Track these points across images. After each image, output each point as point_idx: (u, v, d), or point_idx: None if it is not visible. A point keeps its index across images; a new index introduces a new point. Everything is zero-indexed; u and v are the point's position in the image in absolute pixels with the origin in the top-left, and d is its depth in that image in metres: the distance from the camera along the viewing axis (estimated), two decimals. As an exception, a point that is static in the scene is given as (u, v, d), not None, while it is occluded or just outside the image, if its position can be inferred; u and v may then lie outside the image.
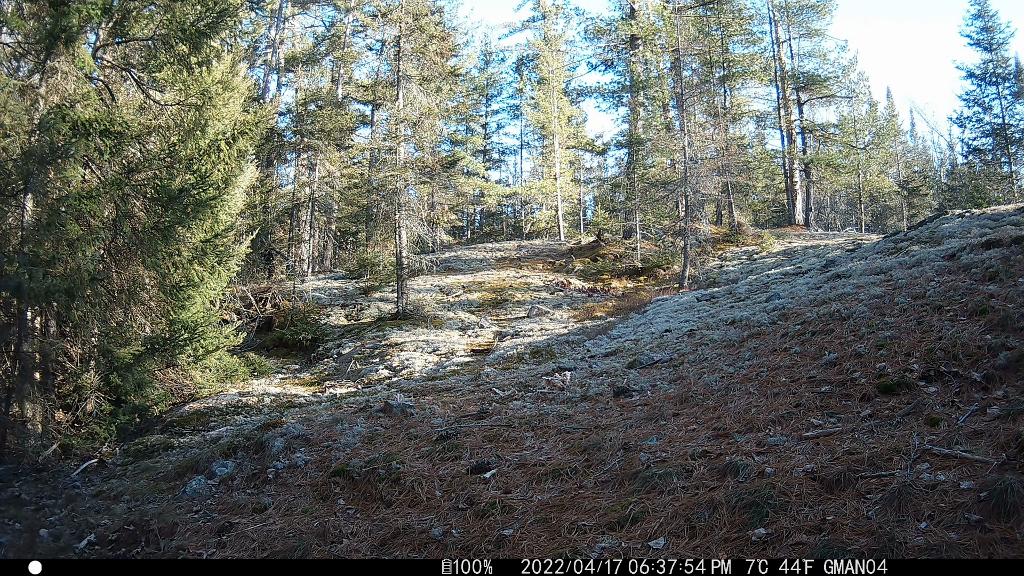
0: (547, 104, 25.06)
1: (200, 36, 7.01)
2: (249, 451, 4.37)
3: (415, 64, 17.70)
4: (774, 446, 3.14)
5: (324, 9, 24.41)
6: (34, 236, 5.78)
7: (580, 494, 2.90)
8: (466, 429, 4.46)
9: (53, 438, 6.19)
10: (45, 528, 3.26)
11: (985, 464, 2.44)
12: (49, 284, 5.34)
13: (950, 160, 36.61)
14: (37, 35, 6.21)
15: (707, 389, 4.63)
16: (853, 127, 25.31)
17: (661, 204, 19.91)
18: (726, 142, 20.11)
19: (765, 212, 28.58)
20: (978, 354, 3.69)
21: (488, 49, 32.99)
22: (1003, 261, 5.46)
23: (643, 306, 12.97)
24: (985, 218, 9.94)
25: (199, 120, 7.41)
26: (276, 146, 19.61)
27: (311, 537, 2.72)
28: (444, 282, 17.85)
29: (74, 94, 6.30)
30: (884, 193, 29.05)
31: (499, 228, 33.38)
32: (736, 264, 16.96)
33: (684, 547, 2.23)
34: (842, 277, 7.86)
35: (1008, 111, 25.56)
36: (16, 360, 5.89)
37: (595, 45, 27.10)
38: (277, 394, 9.40)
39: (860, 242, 15.05)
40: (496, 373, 7.75)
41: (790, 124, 24.28)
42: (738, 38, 24.40)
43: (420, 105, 17.57)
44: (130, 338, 6.95)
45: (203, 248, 7.37)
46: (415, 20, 17.07)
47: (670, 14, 20.20)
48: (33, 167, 5.66)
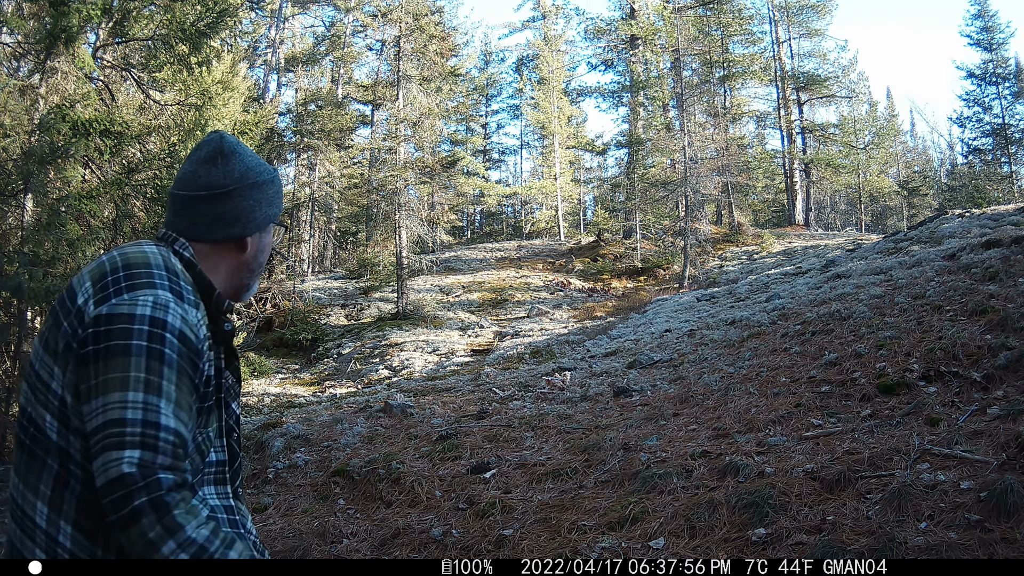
0: (547, 104, 25.06)
1: (200, 36, 7.02)
2: (249, 451, 4.37)
3: (415, 64, 17.71)
4: (774, 446, 3.14)
5: (324, 9, 24.43)
6: (34, 236, 5.78)
7: (580, 494, 2.90)
8: (466, 429, 4.47)
9: (53, 438, 6.20)
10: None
11: (985, 464, 2.44)
12: (49, 284, 5.34)
13: (950, 160, 36.64)
14: (37, 35, 6.21)
15: (707, 389, 4.63)
16: (853, 127, 25.31)
17: (661, 204, 19.91)
18: (726, 142, 20.11)
19: (765, 212, 28.58)
20: (978, 354, 3.69)
21: (488, 49, 33.01)
22: (1003, 261, 5.46)
23: (643, 306, 12.98)
24: (985, 218, 9.95)
25: (199, 120, 7.41)
26: (276, 146, 19.61)
27: (311, 537, 2.72)
28: (444, 282, 17.85)
29: (74, 94, 6.30)
30: (884, 193, 29.06)
31: (499, 228, 33.39)
32: (736, 264, 16.97)
33: (684, 547, 2.23)
34: (842, 277, 7.86)
35: (1008, 111, 25.57)
36: (16, 360, 5.90)
37: (595, 45, 27.12)
38: (277, 394, 9.41)
39: (860, 242, 15.05)
40: (496, 373, 7.75)
41: (790, 124, 24.28)
42: (738, 38, 24.40)
43: (420, 105, 17.58)
44: (130, 338, 6.95)
45: (203, 248, 7.36)
46: (415, 20, 17.08)
47: (670, 14, 20.20)
48: (33, 167, 5.66)
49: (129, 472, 0.94)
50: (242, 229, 1.19)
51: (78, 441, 1.03)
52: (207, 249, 1.18)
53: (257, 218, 1.21)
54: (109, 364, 0.98)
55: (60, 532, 1.05)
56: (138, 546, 0.95)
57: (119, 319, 1.00)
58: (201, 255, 1.17)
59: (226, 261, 1.21)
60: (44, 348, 1.07)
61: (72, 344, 1.02)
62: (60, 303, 1.09)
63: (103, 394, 0.98)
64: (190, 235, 1.17)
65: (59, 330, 1.05)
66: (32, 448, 1.07)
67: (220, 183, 1.17)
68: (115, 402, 0.97)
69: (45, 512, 1.06)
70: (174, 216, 1.19)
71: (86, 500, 1.04)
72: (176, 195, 1.19)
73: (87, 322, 1.02)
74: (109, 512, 0.95)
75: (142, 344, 0.99)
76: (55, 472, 1.05)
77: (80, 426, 1.02)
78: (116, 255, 1.10)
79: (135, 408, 0.97)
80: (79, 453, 1.03)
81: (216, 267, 1.19)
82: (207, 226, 1.18)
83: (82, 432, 1.02)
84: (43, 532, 1.06)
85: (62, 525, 1.05)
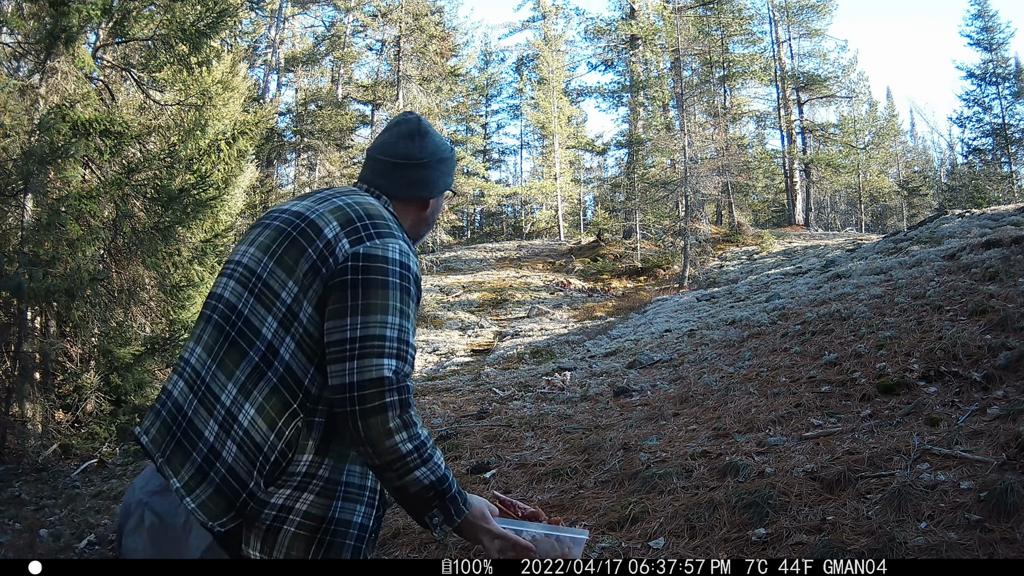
0: (547, 104, 25.04)
1: (200, 36, 7.02)
2: (249, 451, 4.38)
3: (415, 64, 17.71)
4: (774, 446, 3.14)
5: (324, 9, 24.40)
6: (34, 236, 5.78)
7: (580, 494, 2.90)
8: (466, 429, 4.47)
9: (53, 438, 6.20)
10: (45, 528, 3.27)
11: (985, 464, 2.44)
12: (49, 284, 5.34)
13: (950, 160, 36.62)
14: (37, 35, 6.21)
15: (707, 389, 4.63)
16: (853, 127, 25.30)
17: (661, 204, 19.91)
18: (726, 142, 20.11)
19: (765, 212, 28.58)
20: (978, 354, 3.69)
21: (488, 49, 33.00)
22: (1003, 261, 5.46)
23: (643, 306, 12.98)
24: (985, 218, 9.94)
25: (199, 120, 7.41)
26: (276, 146, 19.61)
27: (311, 537, 2.72)
28: (444, 282, 17.85)
29: (74, 94, 6.30)
30: (884, 193, 29.06)
31: (499, 228, 33.38)
32: (736, 264, 16.96)
33: (684, 547, 2.23)
34: (842, 277, 7.86)
35: (1008, 111, 25.56)
36: (16, 360, 5.90)
37: (595, 45, 27.10)
38: (277, 394, 9.39)
39: (860, 242, 15.05)
40: (496, 373, 7.75)
41: (790, 124, 24.27)
42: (738, 38, 24.39)
43: (420, 105, 17.56)
44: (130, 338, 6.95)
45: (203, 248, 7.37)
46: (415, 20, 17.08)
47: (670, 14, 20.20)
48: (33, 167, 5.66)
49: (388, 376, 1.19)
50: (428, 192, 1.50)
51: (292, 343, 1.25)
52: (399, 205, 1.47)
53: (440, 185, 1.52)
54: (369, 293, 1.23)
55: (242, 412, 1.24)
56: (373, 432, 1.17)
57: (376, 259, 1.26)
58: (395, 209, 1.45)
59: (411, 215, 1.50)
60: (276, 263, 1.30)
61: (322, 269, 1.25)
62: (298, 230, 1.31)
63: (363, 314, 1.22)
64: (390, 193, 1.46)
65: (301, 253, 1.28)
66: (236, 338, 1.28)
67: (416, 155, 1.46)
68: (376, 321, 1.22)
69: (233, 393, 1.25)
70: (373, 175, 1.48)
71: (277, 391, 1.23)
72: (377, 159, 1.48)
73: (344, 256, 1.26)
74: (356, 403, 1.17)
75: (396, 281, 1.26)
76: (255, 363, 1.25)
77: (307, 332, 1.25)
78: (354, 203, 1.36)
79: (392, 328, 1.22)
80: (288, 352, 1.24)
81: (404, 219, 1.46)
82: (404, 187, 1.47)
83: (307, 338, 1.25)
84: (224, 408, 1.25)
85: (246, 407, 1.23)
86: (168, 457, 1.28)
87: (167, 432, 1.31)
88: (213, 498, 1.22)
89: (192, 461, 1.25)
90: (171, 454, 1.28)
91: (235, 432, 1.23)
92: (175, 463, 1.27)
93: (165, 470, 1.28)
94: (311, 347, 1.24)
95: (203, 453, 1.24)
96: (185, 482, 1.25)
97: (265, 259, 1.32)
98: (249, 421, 1.22)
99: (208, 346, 1.31)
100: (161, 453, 1.30)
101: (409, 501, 1.22)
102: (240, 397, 1.24)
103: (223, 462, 1.23)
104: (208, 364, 1.29)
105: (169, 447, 1.29)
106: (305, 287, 1.26)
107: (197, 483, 1.24)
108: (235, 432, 1.23)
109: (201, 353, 1.32)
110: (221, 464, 1.23)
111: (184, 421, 1.28)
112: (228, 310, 1.32)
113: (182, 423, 1.28)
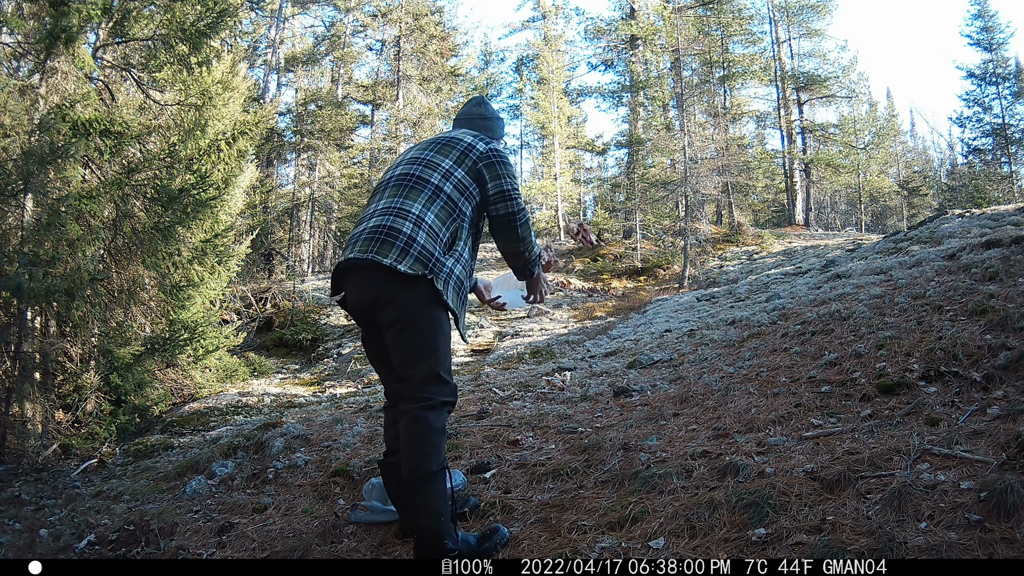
0: (547, 104, 25.03)
1: (200, 36, 7.01)
2: (249, 451, 4.37)
3: (415, 64, 17.70)
4: (774, 446, 3.14)
5: (324, 9, 24.40)
6: (34, 236, 5.77)
7: (580, 494, 2.90)
8: (466, 429, 4.46)
9: (53, 438, 6.19)
10: (45, 528, 3.27)
11: (985, 464, 2.44)
12: (49, 284, 5.34)
13: (950, 160, 36.63)
14: (37, 35, 6.21)
15: (707, 389, 4.63)
16: (853, 127, 25.30)
17: (661, 204, 19.91)
18: (726, 142, 20.11)
19: (765, 212, 28.57)
20: (978, 354, 3.69)
21: (488, 49, 33.00)
22: (1003, 261, 5.45)
23: (643, 306, 12.97)
24: (985, 218, 9.94)
25: (199, 120, 7.41)
26: (276, 146, 19.61)
27: (311, 537, 2.71)
28: (444, 282, 17.80)
29: (74, 94, 6.30)
30: (884, 193, 29.06)
31: (499, 228, 33.29)
32: (736, 264, 16.96)
33: (684, 547, 2.23)
34: (842, 277, 7.86)
35: (1008, 111, 25.57)
36: (16, 360, 5.89)
37: (595, 45, 27.11)
38: (277, 394, 9.40)
39: (860, 242, 15.04)
40: (496, 373, 7.74)
41: (790, 124, 24.27)
42: (738, 38, 24.39)
43: (420, 105, 17.56)
44: (130, 338, 6.95)
45: (203, 248, 7.37)
46: (415, 20, 17.07)
47: (670, 14, 20.20)
48: (33, 167, 5.65)
49: (523, 207, 2.47)
50: (492, 135, 2.72)
51: (451, 186, 2.39)
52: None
53: (500, 133, 2.80)
54: (502, 168, 2.47)
55: (427, 215, 2.32)
56: (510, 231, 2.48)
57: (499, 152, 2.51)
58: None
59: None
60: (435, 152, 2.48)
61: (474, 156, 2.45)
62: (445, 140, 2.53)
63: (502, 178, 2.45)
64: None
65: (453, 148, 2.48)
66: (415, 185, 2.38)
67: (483, 114, 2.74)
68: (510, 181, 2.45)
69: (418, 208, 2.33)
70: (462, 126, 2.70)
71: (445, 209, 2.36)
72: (462, 119, 2.74)
73: (482, 151, 2.47)
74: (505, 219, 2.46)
75: (512, 163, 2.56)
76: (429, 194, 2.36)
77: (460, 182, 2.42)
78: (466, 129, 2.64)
79: (516, 184, 2.49)
80: (450, 189, 2.39)
81: None
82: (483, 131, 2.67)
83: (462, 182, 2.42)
84: (415, 215, 2.30)
85: (428, 214, 2.32)
86: (377, 250, 2.23)
87: (371, 240, 2.26)
88: (414, 266, 2.21)
89: (395, 247, 2.23)
90: (378, 249, 2.23)
91: (424, 226, 2.28)
92: (383, 251, 2.22)
93: (376, 257, 2.22)
94: (464, 188, 2.40)
95: (403, 240, 2.24)
96: (394, 259, 2.20)
97: (426, 151, 2.48)
98: (431, 221, 2.31)
99: (392, 194, 2.37)
100: (370, 251, 2.24)
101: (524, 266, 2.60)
102: (424, 210, 2.31)
103: (418, 244, 2.25)
104: (397, 198, 2.35)
105: (376, 244, 2.25)
106: (459, 162, 2.42)
107: (403, 257, 2.21)
108: (424, 226, 2.28)
109: (388, 198, 2.37)
110: (417, 245, 2.24)
111: (384, 230, 2.27)
112: (403, 175, 2.42)
113: (382, 232, 2.27)
